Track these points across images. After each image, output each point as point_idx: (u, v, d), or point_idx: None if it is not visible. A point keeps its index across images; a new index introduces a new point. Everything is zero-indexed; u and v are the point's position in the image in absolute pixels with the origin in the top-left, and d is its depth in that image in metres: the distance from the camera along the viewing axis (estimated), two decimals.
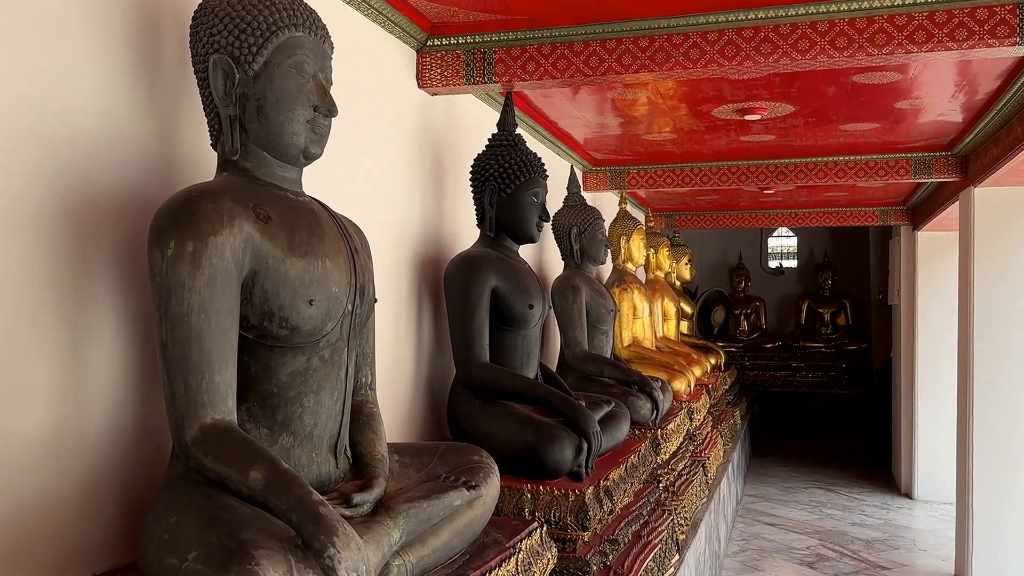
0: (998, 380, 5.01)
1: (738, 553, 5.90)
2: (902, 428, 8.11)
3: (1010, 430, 4.97)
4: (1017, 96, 3.88)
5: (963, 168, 5.28)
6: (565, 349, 4.41)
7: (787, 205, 7.98)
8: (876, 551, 5.98)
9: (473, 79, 3.18)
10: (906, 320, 8.02)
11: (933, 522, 6.81)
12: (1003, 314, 5.03)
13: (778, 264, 13.30)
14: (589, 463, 2.93)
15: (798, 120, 4.61)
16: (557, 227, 4.58)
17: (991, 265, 5.07)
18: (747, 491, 7.91)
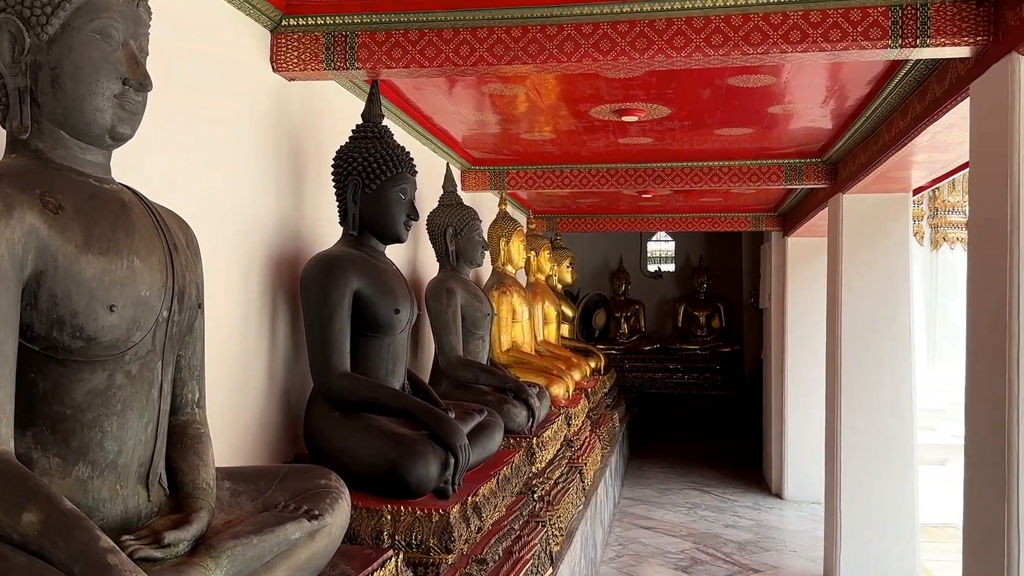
0: (864, 382, 5.13)
1: (614, 559, 5.85)
2: (772, 429, 8.31)
3: (876, 431, 5.09)
4: (885, 103, 3.93)
5: (832, 175, 5.40)
6: (439, 355, 4.22)
7: (665, 210, 8.04)
8: (748, 553, 6.05)
9: (334, 64, 2.94)
10: (776, 323, 8.22)
11: (802, 522, 6.98)
12: (869, 318, 5.15)
13: (657, 268, 13.51)
14: (456, 479, 2.74)
15: (675, 123, 4.58)
16: (432, 227, 4.38)
17: (858, 270, 5.19)
18: (625, 494, 7.92)
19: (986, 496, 2.75)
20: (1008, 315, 2.58)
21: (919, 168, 4.51)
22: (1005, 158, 2.62)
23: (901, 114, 3.85)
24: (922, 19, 2.66)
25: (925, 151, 4.05)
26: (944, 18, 2.66)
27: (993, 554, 2.64)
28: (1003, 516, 2.58)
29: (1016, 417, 2.54)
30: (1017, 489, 2.54)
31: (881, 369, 5.10)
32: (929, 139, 3.75)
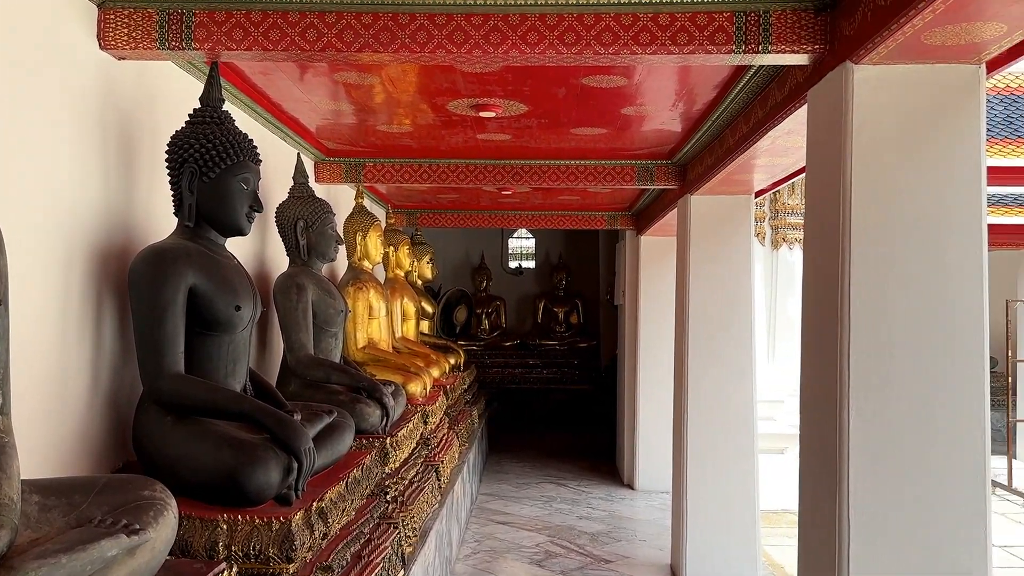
0: (709, 375, 5.32)
1: (470, 556, 5.83)
2: (625, 421, 8.54)
3: (720, 422, 5.29)
4: (730, 108, 4.08)
5: (681, 176, 5.57)
6: (288, 353, 4.05)
7: (525, 207, 8.09)
8: (601, 544, 6.18)
9: (168, 44, 2.74)
10: (629, 320, 8.45)
11: (652, 511, 7.19)
12: (714, 314, 5.35)
13: (518, 264, 13.63)
14: (300, 484, 2.62)
15: (532, 121, 4.58)
16: (281, 220, 4.21)
17: (704, 268, 5.38)
18: (483, 490, 7.93)
19: (819, 483, 2.88)
20: (839, 312, 2.71)
21: (761, 171, 4.71)
22: (838, 163, 2.75)
23: (744, 119, 4.00)
24: (764, 26, 2.75)
25: (766, 155, 4.22)
26: (784, 26, 2.76)
27: (826, 538, 2.77)
28: (834, 501, 2.71)
29: (846, 408, 2.67)
30: (847, 476, 2.67)
31: (724, 362, 5.31)
32: (770, 143, 3.91)
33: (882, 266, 2.68)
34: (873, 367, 2.65)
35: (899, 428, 2.65)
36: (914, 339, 2.66)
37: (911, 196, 2.70)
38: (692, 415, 5.34)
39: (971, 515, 2.63)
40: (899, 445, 2.65)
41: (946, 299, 2.67)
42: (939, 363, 2.65)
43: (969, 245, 2.67)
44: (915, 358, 2.65)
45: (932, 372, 2.65)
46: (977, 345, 2.66)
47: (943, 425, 2.66)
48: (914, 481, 2.65)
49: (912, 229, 2.69)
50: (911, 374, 2.65)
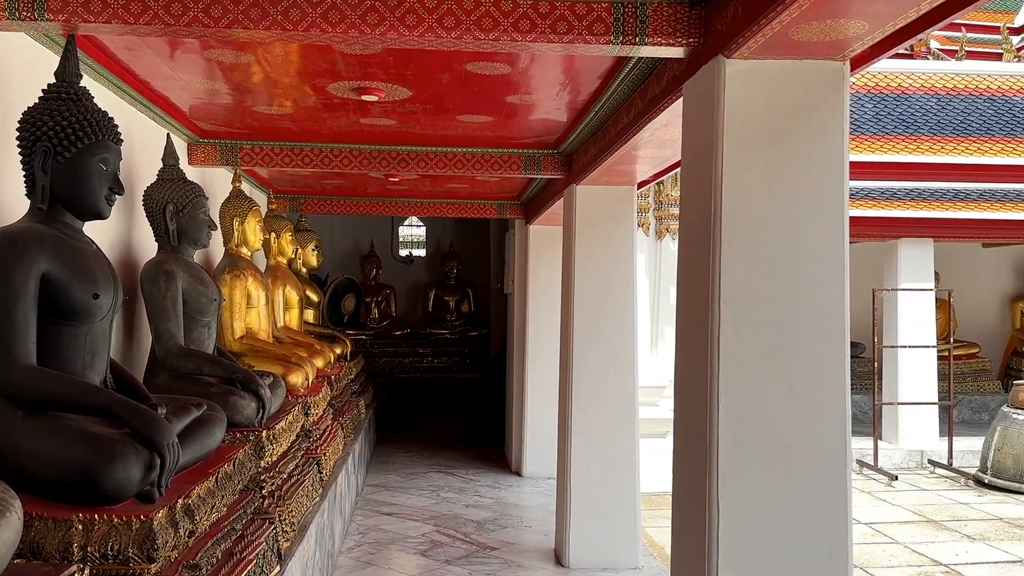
0: (593, 362, 5.40)
1: (354, 548, 5.74)
2: (514, 409, 8.59)
3: (603, 408, 5.38)
4: (612, 99, 4.12)
5: (567, 166, 5.61)
6: (156, 344, 3.87)
7: (413, 194, 8.00)
8: (486, 532, 6.20)
9: (19, 14, 2.56)
10: (518, 308, 8.50)
11: (539, 497, 7.27)
12: (598, 303, 5.43)
13: (408, 253, 13.50)
14: (163, 481, 2.50)
15: (416, 106, 4.52)
16: (149, 204, 3.99)
17: (589, 258, 5.45)
18: (369, 481, 7.83)
19: (691, 465, 2.96)
20: (710, 301, 2.78)
21: (643, 163, 4.80)
22: (710, 156, 2.82)
23: (626, 110, 4.06)
24: (641, 18, 2.78)
25: (647, 146, 4.30)
26: (661, 19, 2.80)
27: (697, 517, 2.85)
28: (705, 482, 2.79)
29: (716, 393, 2.74)
30: (716, 458, 2.74)
31: (607, 350, 5.40)
32: (650, 135, 3.98)
33: (751, 257, 2.76)
34: (741, 354, 2.74)
35: (765, 412, 2.75)
36: (780, 327, 2.75)
37: (779, 189, 2.79)
38: (576, 401, 5.41)
39: (833, 493, 2.76)
40: (765, 428, 2.74)
41: (810, 289, 2.78)
42: (803, 350, 2.76)
43: (832, 237, 2.79)
44: (781, 345, 2.75)
45: (797, 359, 2.76)
46: (839, 332, 2.78)
47: (807, 408, 2.77)
48: (780, 462, 2.76)
49: (779, 221, 2.78)
50: (777, 361, 2.75)
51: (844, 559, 2.72)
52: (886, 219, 9.33)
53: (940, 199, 9.58)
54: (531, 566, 5.46)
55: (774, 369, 2.75)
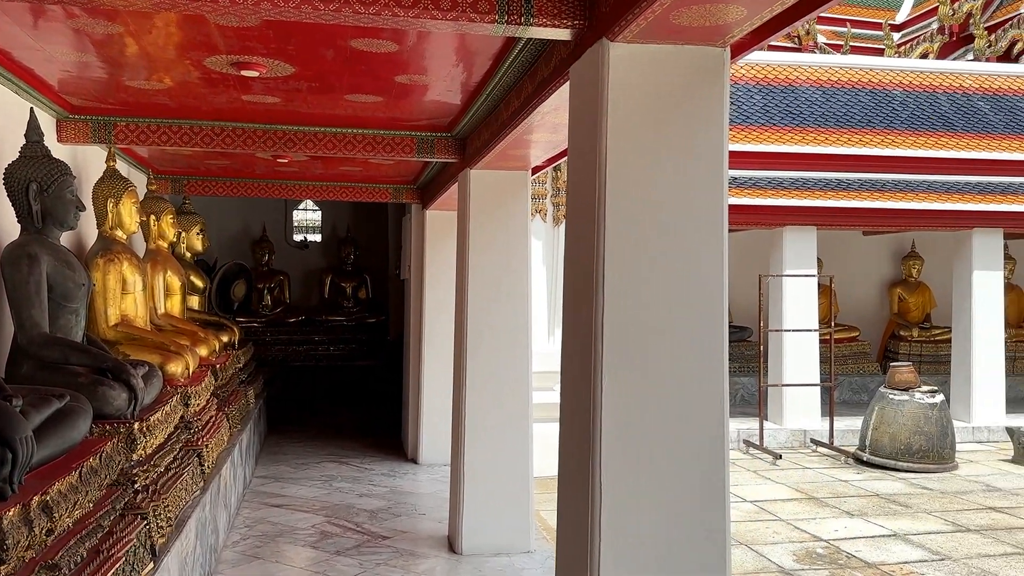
0: (487, 348, 5.37)
1: (239, 542, 5.56)
2: (410, 395, 8.50)
3: (497, 394, 5.36)
4: (504, 80, 4.07)
5: (461, 150, 5.55)
6: (19, 332, 3.63)
7: (305, 177, 7.78)
8: (379, 521, 6.11)
9: None
10: (415, 294, 8.40)
11: (434, 484, 7.22)
12: (492, 289, 5.40)
13: (303, 238, 13.18)
14: (16, 477, 2.33)
15: (301, 83, 4.36)
16: (11, 183, 3.74)
17: (483, 243, 5.40)
18: (259, 473, 7.61)
19: (575, 448, 2.96)
20: (594, 287, 2.78)
21: (537, 147, 4.78)
22: (595, 140, 2.80)
23: (516, 93, 4.02)
24: None
25: (540, 131, 4.28)
26: None
27: (581, 499, 2.85)
28: (588, 464, 2.79)
29: (599, 378, 2.74)
30: (600, 440, 2.74)
31: (502, 335, 5.38)
32: (540, 119, 3.96)
33: (633, 242, 2.77)
34: (624, 339, 2.74)
35: (647, 396, 2.76)
36: (662, 311, 2.77)
37: (661, 175, 2.80)
38: (470, 387, 5.38)
39: (712, 475, 2.80)
40: (647, 412, 2.76)
41: (690, 273, 2.81)
42: (684, 334, 2.79)
43: (712, 222, 2.82)
44: (662, 329, 2.77)
45: (678, 343, 2.78)
46: (718, 315, 2.82)
47: (687, 393, 2.80)
48: (661, 445, 2.78)
49: (661, 206, 2.79)
50: (659, 345, 2.77)
51: (722, 539, 2.77)
52: (773, 207, 9.63)
53: (824, 188, 9.96)
54: (423, 554, 5.41)
55: (656, 354, 2.76)
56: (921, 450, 8.20)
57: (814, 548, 5.78)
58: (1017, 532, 6.10)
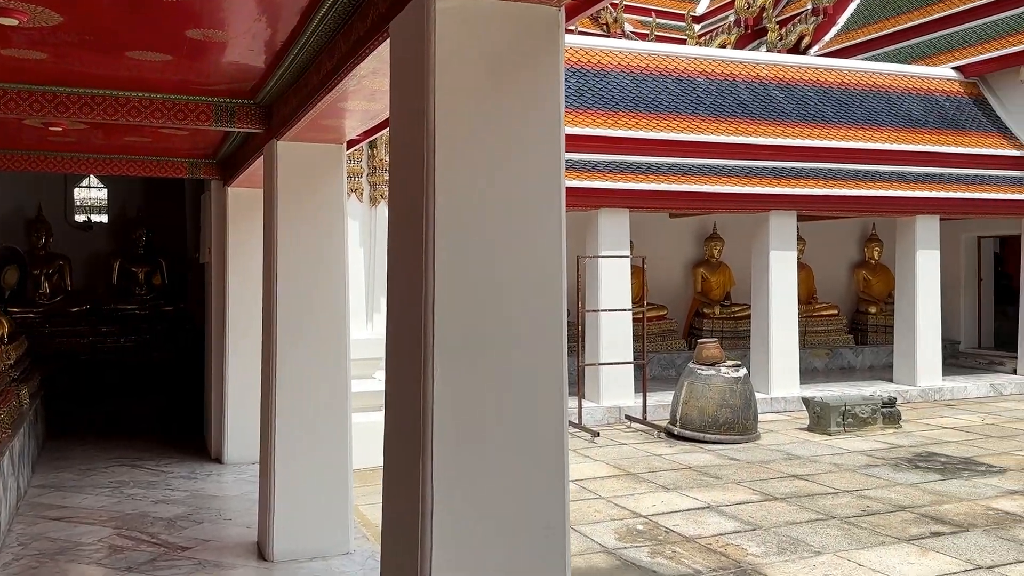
0: (299, 336, 4.94)
1: (11, 563, 4.83)
2: (213, 389, 7.85)
3: (311, 384, 4.94)
4: (314, 39, 3.68)
5: (267, 119, 5.06)
6: None
7: (85, 148, 6.90)
8: (178, 530, 5.52)
9: None
10: (217, 280, 7.74)
11: (242, 485, 6.67)
12: (305, 273, 4.97)
13: (86, 218, 11.92)
14: None
15: (72, 36, 3.74)
16: None
17: (293, 224, 4.95)
18: (35, 482, 6.73)
19: (403, 437, 2.67)
20: (423, 266, 2.49)
21: (353, 117, 4.40)
22: (421, 105, 2.50)
23: (328, 55, 3.64)
24: None
25: (356, 98, 3.91)
26: None
27: (410, 498, 2.57)
28: (418, 461, 2.51)
29: (430, 362, 2.46)
30: (431, 435, 2.47)
31: (316, 322, 4.97)
32: (356, 84, 3.60)
33: (467, 220, 2.50)
34: (458, 324, 2.48)
35: (482, 383, 2.52)
36: (499, 294, 2.53)
37: (496, 144, 2.55)
38: (281, 378, 4.92)
39: (551, 468, 2.60)
40: (482, 399, 2.52)
41: (528, 252, 2.59)
42: (521, 316, 2.56)
43: (548, 197, 2.61)
44: (499, 313, 2.53)
45: (515, 326, 2.56)
46: (555, 296, 2.62)
47: (525, 377, 2.58)
48: (497, 437, 2.55)
49: (496, 179, 2.55)
50: (495, 330, 2.53)
51: (561, 533, 2.59)
52: (588, 190, 9.73)
53: (635, 172, 10.18)
54: (229, 564, 4.92)
55: (492, 337, 2.52)
56: (727, 422, 8.57)
57: (635, 525, 5.83)
58: (818, 498, 6.45)
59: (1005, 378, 12.04)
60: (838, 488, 6.73)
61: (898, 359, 11.59)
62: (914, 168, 11.66)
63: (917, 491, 6.61)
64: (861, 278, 14.10)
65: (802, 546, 5.32)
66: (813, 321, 13.07)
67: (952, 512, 6.01)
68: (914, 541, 5.37)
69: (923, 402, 11.06)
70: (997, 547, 5.23)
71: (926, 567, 4.90)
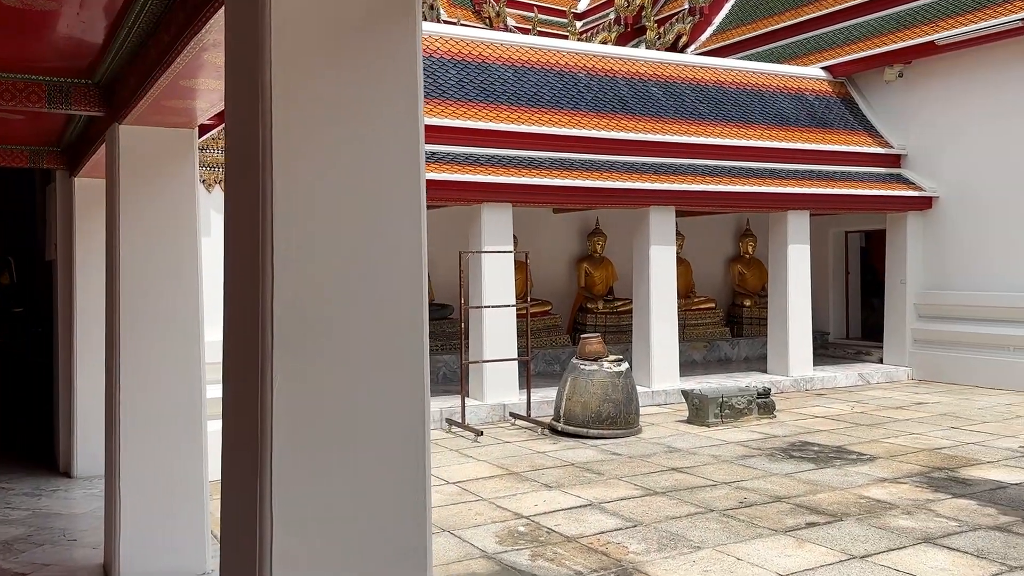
0: (148, 339, 4.53)
1: None
2: (62, 398, 7.22)
3: (161, 391, 4.54)
4: (148, 11, 3.31)
5: (107, 100, 4.60)
6: None
7: None
8: (15, 554, 4.99)
9: None
10: (63, 278, 7.13)
11: (92, 502, 6.14)
12: (153, 269, 4.55)
13: None
14: None
15: None
16: None
17: (140, 217, 4.53)
18: None
19: (241, 445, 2.38)
20: (261, 260, 2.20)
21: (202, 98, 4.03)
22: (257, 79, 2.22)
23: (166, 26, 3.28)
24: None
25: (202, 75, 3.57)
26: None
27: (247, 513, 2.28)
28: (255, 480, 2.23)
29: (269, 372, 2.19)
30: (270, 432, 2.19)
31: (166, 324, 4.56)
32: (198, 59, 3.26)
33: (309, 204, 2.24)
34: (299, 320, 2.21)
35: (331, 383, 2.26)
36: (346, 287, 2.27)
37: (343, 122, 2.29)
38: (126, 384, 4.49)
39: (411, 486, 2.36)
40: (331, 403, 2.26)
41: (382, 242, 2.34)
42: (374, 314, 2.31)
43: (407, 184, 2.37)
44: (348, 309, 2.27)
45: (367, 323, 2.30)
46: (416, 291, 2.39)
47: (380, 379, 2.33)
48: (349, 453, 2.29)
49: (346, 164, 2.29)
50: (343, 327, 2.27)
51: (423, 559, 2.34)
52: (471, 183, 9.52)
53: (518, 166, 10.04)
54: None
55: (341, 339, 2.26)
56: (610, 417, 8.54)
57: (516, 527, 5.66)
58: (697, 491, 6.45)
59: (872, 367, 12.57)
60: (716, 480, 6.76)
61: (772, 350, 11.91)
62: (786, 165, 12.01)
63: (792, 481, 6.71)
64: (736, 272, 14.46)
65: (682, 541, 5.27)
66: (691, 315, 13.30)
67: (826, 501, 6.11)
68: (790, 532, 5.41)
69: (796, 392, 11.40)
70: (870, 536, 5.33)
71: (803, 559, 4.93)
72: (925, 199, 12.30)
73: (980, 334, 11.54)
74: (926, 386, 11.69)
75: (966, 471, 6.92)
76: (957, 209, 12.05)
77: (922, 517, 5.68)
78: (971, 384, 11.54)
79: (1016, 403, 10.17)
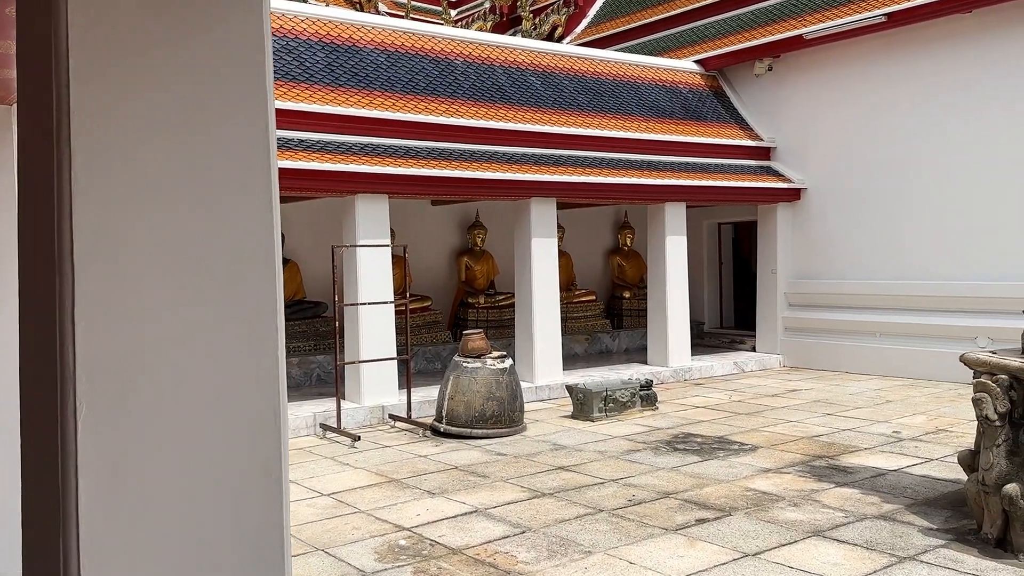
0: None
1: None
2: None
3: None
4: None
5: None
6: None
7: None
8: None
9: None
10: None
11: None
12: None
13: None
14: None
15: None
16: None
17: None
18: None
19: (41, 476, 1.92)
20: (57, 262, 1.75)
21: None
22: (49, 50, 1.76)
23: None
24: None
25: (11, 37, 3.01)
26: None
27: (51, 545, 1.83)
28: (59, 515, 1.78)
29: (71, 393, 1.74)
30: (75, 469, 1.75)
31: None
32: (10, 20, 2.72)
33: (118, 195, 1.80)
34: (107, 331, 1.77)
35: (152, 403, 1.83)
36: (171, 289, 1.85)
37: (164, 97, 1.86)
38: None
39: (266, 507, 1.97)
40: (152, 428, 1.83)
41: (221, 234, 1.92)
42: (210, 318, 1.90)
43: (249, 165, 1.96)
44: (175, 314, 1.85)
45: (199, 329, 1.88)
46: (268, 290, 1.98)
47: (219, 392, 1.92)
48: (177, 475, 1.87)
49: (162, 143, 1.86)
50: (166, 333, 1.84)
51: None
52: (343, 173, 9.02)
53: (393, 156, 9.60)
54: None
55: (162, 350, 1.83)
56: (494, 415, 8.26)
57: (397, 540, 5.28)
58: (585, 490, 6.25)
59: (746, 355, 12.82)
60: (604, 477, 6.59)
61: (651, 342, 11.95)
62: (663, 157, 12.06)
63: (679, 475, 6.61)
64: (615, 264, 14.50)
65: (572, 546, 5.04)
66: (573, 307, 13.22)
67: (714, 496, 6.02)
68: (681, 531, 5.26)
69: (676, 382, 11.48)
70: (759, 531, 5.24)
71: (696, 559, 4.77)
72: (793, 190, 12.63)
73: (847, 321, 11.94)
74: (797, 373, 12.01)
75: (846, 458, 7.01)
76: (824, 200, 12.42)
77: (809, 509, 5.65)
78: (840, 370, 11.93)
79: (884, 388, 10.55)
